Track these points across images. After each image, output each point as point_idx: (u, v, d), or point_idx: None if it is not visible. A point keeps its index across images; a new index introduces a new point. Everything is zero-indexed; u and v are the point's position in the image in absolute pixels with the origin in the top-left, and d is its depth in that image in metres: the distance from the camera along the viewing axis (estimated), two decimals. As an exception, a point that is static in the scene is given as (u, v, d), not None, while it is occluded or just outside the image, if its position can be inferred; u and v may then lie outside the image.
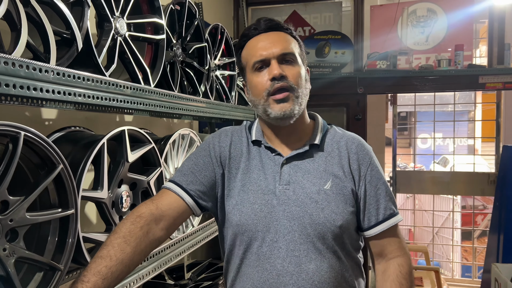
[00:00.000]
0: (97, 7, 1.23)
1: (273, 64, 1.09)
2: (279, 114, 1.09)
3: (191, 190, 1.13)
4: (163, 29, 1.53)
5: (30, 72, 0.93)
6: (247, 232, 1.11)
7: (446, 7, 3.49)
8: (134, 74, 1.38)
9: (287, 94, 1.09)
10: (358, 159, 1.15)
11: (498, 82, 3.12)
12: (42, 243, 1.02)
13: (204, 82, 1.93)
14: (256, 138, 1.19)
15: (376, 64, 3.33)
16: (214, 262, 2.44)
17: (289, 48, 1.12)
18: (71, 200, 1.04)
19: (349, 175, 1.14)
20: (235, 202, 1.13)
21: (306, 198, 1.09)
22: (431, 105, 4.63)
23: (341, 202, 1.11)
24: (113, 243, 0.94)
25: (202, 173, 1.15)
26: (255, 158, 1.17)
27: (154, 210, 1.05)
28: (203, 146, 1.22)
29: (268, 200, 1.11)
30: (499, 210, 2.57)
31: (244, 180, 1.15)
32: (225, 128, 1.27)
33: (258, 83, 1.11)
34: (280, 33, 1.14)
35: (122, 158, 1.25)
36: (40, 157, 0.99)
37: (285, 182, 1.12)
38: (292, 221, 1.08)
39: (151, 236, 1.01)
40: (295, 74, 1.11)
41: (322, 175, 1.13)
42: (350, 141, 1.18)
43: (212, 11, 3.12)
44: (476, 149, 7.22)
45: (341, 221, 1.09)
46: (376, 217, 1.14)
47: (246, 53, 1.15)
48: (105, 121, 1.77)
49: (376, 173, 1.16)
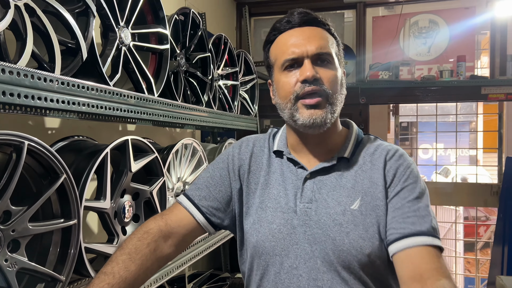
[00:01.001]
0: (102, 17, 1.24)
1: (306, 64, 0.94)
2: (308, 121, 0.94)
3: (203, 207, 1.04)
4: (167, 39, 1.53)
5: (35, 81, 0.93)
6: (264, 255, 0.98)
7: (448, 18, 3.50)
8: (138, 83, 1.38)
9: (319, 100, 0.94)
10: (395, 169, 0.97)
11: (501, 93, 3.12)
12: (43, 253, 1.01)
13: (207, 91, 1.93)
14: (278, 148, 1.06)
15: (378, 75, 3.33)
16: (216, 273, 2.42)
17: (326, 47, 0.97)
18: (73, 210, 1.04)
19: (382, 191, 0.95)
20: (252, 220, 1.02)
21: (329, 220, 0.94)
22: (433, 116, 4.63)
23: (371, 225, 0.93)
24: (118, 259, 0.90)
25: (217, 188, 1.06)
26: (276, 172, 1.04)
27: (163, 226, 0.99)
28: (222, 157, 1.12)
29: (288, 220, 0.97)
30: (503, 222, 2.54)
31: (263, 196, 1.02)
32: (248, 137, 1.15)
33: (287, 83, 0.97)
34: (316, 29, 0.98)
35: (125, 167, 1.25)
36: (43, 167, 0.99)
37: (307, 199, 0.98)
38: (313, 246, 0.94)
39: (159, 253, 0.96)
40: (330, 78, 0.96)
41: (349, 193, 0.96)
42: (387, 152, 1.00)
43: (215, 21, 3.13)
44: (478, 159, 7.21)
45: (370, 248, 0.91)
46: (400, 230, 0.90)
47: (276, 49, 1.01)
48: (108, 130, 1.76)
49: (411, 186, 0.95)
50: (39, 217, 1.01)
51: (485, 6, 3.45)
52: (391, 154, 1.00)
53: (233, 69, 2.34)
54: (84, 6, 1.12)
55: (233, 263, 2.78)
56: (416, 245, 0.87)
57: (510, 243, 2.43)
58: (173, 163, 1.61)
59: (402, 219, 0.91)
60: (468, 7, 3.45)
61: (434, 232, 0.90)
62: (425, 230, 0.89)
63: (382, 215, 0.94)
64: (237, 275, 2.58)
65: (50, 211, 1.02)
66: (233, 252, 2.77)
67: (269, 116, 3.57)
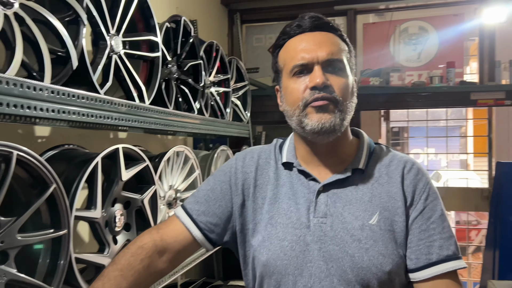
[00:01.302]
0: (92, 25, 1.23)
1: (316, 70, 0.90)
2: (316, 126, 0.90)
3: (201, 222, 0.99)
4: (158, 46, 1.53)
5: (24, 90, 0.92)
6: (275, 274, 0.92)
7: (437, 25, 3.54)
8: (129, 91, 1.38)
9: (327, 103, 0.90)
10: (414, 185, 0.94)
11: (490, 99, 3.15)
12: (33, 264, 1.00)
13: (199, 99, 1.93)
14: (288, 160, 1.01)
15: (369, 81, 3.35)
16: (208, 281, 2.41)
17: (338, 53, 0.93)
18: (63, 220, 1.02)
19: (401, 206, 0.92)
20: (261, 238, 0.95)
21: (346, 235, 0.90)
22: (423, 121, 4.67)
23: (390, 241, 0.90)
24: (110, 275, 0.87)
25: (217, 203, 1.01)
26: (284, 185, 0.99)
27: (159, 241, 0.95)
28: (224, 169, 1.06)
29: (301, 236, 0.92)
30: (494, 227, 2.57)
31: (271, 211, 0.96)
32: (252, 148, 1.10)
33: (295, 90, 0.93)
34: (328, 34, 0.95)
35: (116, 176, 1.24)
36: (33, 176, 0.98)
37: (322, 214, 0.92)
38: (329, 263, 0.89)
39: (152, 269, 0.93)
40: (341, 85, 0.92)
41: (367, 207, 0.92)
42: (404, 164, 0.97)
43: (207, 28, 3.14)
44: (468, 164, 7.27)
45: (390, 265, 0.88)
46: (428, 256, 0.89)
47: (285, 53, 0.97)
48: (99, 138, 1.75)
49: (432, 204, 0.93)
50: (29, 228, 1.00)
51: (473, 13, 3.50)
52: (408, 167, 0.96)
53: (225, 76, 2.35)
54: (74, 14, 1.11)
55: (226, 271, 2.77)
56: (443, 272, 0.88)
57: (501, 247, 2.45)
58: (165, 171, 1.60)
59: (429, 243, 0.90)
60: (457, 14, 3.50)
61: (458, 251, 0.91)
62: (451, 253, 0.90)
63: (400, 231, 0.91)
64: (230, 282, 2.57)
65: (39, 221, 1.01)
66: (226, 260, 2.76)
67: (261, 123, 3.57)
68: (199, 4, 3.02)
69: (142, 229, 1.34)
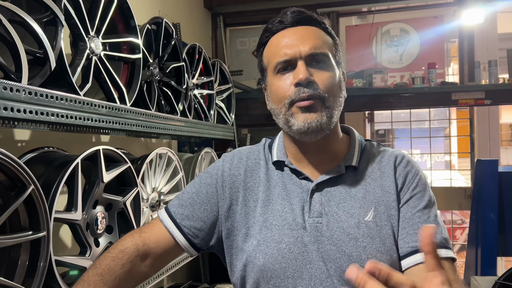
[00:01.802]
0: (71, 27, 1.23)
1: (300, 66, 0.89)
2: (302, 126, 0.88)
3: (185, 227, 0.96)
4: (139, 48, 1.52)
5: (0, 91, 0.91)
6: (273, 279, 0.89)
7: (417, 27, 3.61)
8: (109, 93, 1.37)
9: (312, 102, 0.88)
10: (404, 176, 0.94)
11: (470, 99, 3.21)
12: (11, 267, 0.98)
13: (182, 101, 1.92)
14: (278, 159, 0.98)
15: (352, 82, 3.39)
16: (195, 284, 2.39)
17: (321, 46, 0.91)
18: (42, 222, 1.01)
19: (395, 200, 0.91)
20: (256, 242, 0.92)
21: (343, 235, 0.88)
22: (407, 122, 4.73)
23: (388, 236, 0.89)
24: (90, 280, 0.85)
25: (202, 207, 0.97)
26: (277, 186, 0.96)
27: (141, 246, 0.93)
28: (210, 171, 1.02)
29: (298, 237, 0.89)
30: (476, 223, 2.61)
31: (265, 213, 0.93)
32: (240, 149, 1.06)
33: (280, 88, 0.91)
34: (311, 28, 0.93)
35: (97, 178, 1.23)
36: (10, 178, 0.96)
37: (317, 214, 0.91)
38: (328, 264, 0.87)
39: (134, 274, 0.91)
40: (325, 80, 0.90)
41: (362, 204, 0.91)
42: (395, 157, 0.97)
43: (191, 31, 3.14)
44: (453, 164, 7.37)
45: (389, 262, 0.86)
46: (410, 244, 0.87)
47: (268, 51, 0.95)
48: (80, 142, 1.74)
49: (420, 194, 0.92)
50: (6, 230, 0.98)
51: (452, 15, 3.58)
52: (399, 160, 0.96)
53: (209, 78, 2.35)
54: (52, 15, 1.10)
55: (213, 274, 2.76)
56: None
57: (483, 243, 2.49)
58: (148, 173, 1.59)
59: (413, 231, 0.88)
60: (437, 16, 3.57)
61: (446, 243, 0.87)
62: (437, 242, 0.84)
63: (396, 225, 0.90)
64: (216, 286, 2.56)
65: (18, 223, 1.00)
66: (213, 263, 2.75)
67: (246, 125, 3.58)
68: (182, 8, 3.02)
69: (124, 232, 1.33)
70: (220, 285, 2.56)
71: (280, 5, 3.53)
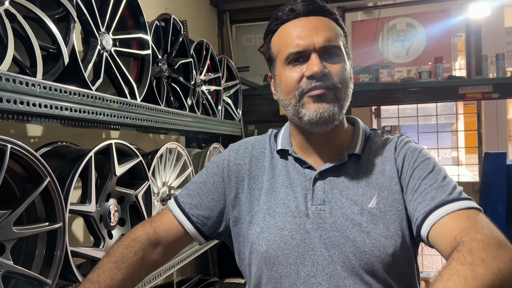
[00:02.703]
0: (83, 23, 1.25)
1: (314, 58, 0.87)
2: (314, 116, 0.88)
3: (193, 216, 0.98)
4: (148, 44, 1.55)
5: (17, 86, 0.93)
6: (276, 265, 0.90)
7: (424, 21, 3.60)
8: (120, 88, 1.39)
9: (324, 91, 0.87)
10: (404, 154, 0.93)
11: (477, 93, 3.20)
12: (29, 257, 1.01)
13: (190, 96, 1.95)
14: (283, 147, 1.00)
15: (359, 78, 3.39)
16: (204, 278, 2.42)
17: (335, 39, 0.90)
18: (58, 214, 1.04)
19: (398, 184, 0.91)
20: (259, 229, 0.93)
21: (346, 221, 0.88)
22: (414, 118, 4.72)
23: (392, 222, 0.88)
24: (104, 267, 0.88)
25: (209, 196, 1.00)
26: (281, 174, 0.97)
27: (152, 234, 0.96)
28: (217, 161, 1.05)
29: (300, 224, 0.90)
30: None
31: (269, 201, 0.95)
32: (246, 139, 1.09)
33: (291, 78, 0.90)
34: (323, 19, 0.91)
35: (109, 171, 1.25)
36: (27, 170, 0.99)
37: (319, 201, 0.91)
38: (331, 250, 0.88)
39: (146, 261, 0.94)
40: (339, 71, 0.89)
41: (365, 191, 0.91)
42: (396, 140, 0.97)
43: (197, 29, 3.16)
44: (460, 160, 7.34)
45: (393, 247, 0.86)
46: (422, 211, 0.84)
47: (278, 40, 0.93)
48: (91, 138, 1.76)
49: (422, 164, 0.90)
50: (24, 221, 1.01)
51: (459, 8, 3.56)
52: (399, 141, 0.97)
53: (216, 74, 2.37)
54: (64, 11, 1.13)
55: (222, 268, 2.78)
56: (442, 216, 0.81)
57: (491, 237, 2.49)
58: (158, 168, 1.62)
59: (421, 198, 0.86)
60: (443, 10, 3.56)
61: (459, 195, 0.84)
62: (447, 198, 0.83)
63: (401, 209, 0.89)
64: (226, 280, 2.58)
65: (34, 215, 1.02)
66: (221, 257, 2.77)
67: (253, 122, 3.60)
68: (188, 5, 3.04)
69: (136, 225, 1.35)
70: (229, 279, 2.58)
71: (286, 1, 3.53)
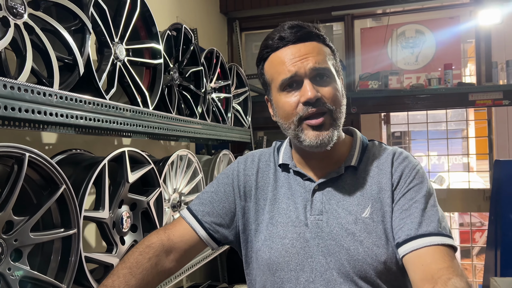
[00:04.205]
0: (97, 34, 1.28)
1: (306, 85, 0.92)
2: (314, 143, 0.93)
3: (206, 223, 1.04)
4: (160, 53, 1.58)
5: (35, 96, 0.97)
6: (278, 271, 0.96)
7: (433, 28, 3.60)
8: (133, 97, 1.42)
9: (323, 120, 0.93)
10: (401, 170, 0.97)
11: (488, 99, 3.19)
12: (44, 262, 1.04)
13: (200, 104, 1.97)
14: (284, 162, 1.05)
15: (368, 84, 3.40)
16: (214, 284, 2.43)
17: (324, 61, 0.94)
18: (73, 220, 1.06)
19: (390, 197, 0.95)
20: (263, 237, 1.00)
21: (341, 230, 0.94)
22: (424, 124, 4.71)
23: (384, 232, 0.93)
24: (119, 273, 0.91)
25: (221, 204, 1.06)
26: (283, 186, 1.03)
27: (165, 240, 1.00)
28: (227, 172, 1.11)
29: (300, 234, 0.96)
30: (495, 225, 2.59)
31: (272, 211, 1.01)
32: (253, 152, 1.15)
33: (287, 104, 0.94)
34: (311, 44, 0.95)
35: (122, 178, 1.28)
36: (44, 178, 1.02)
37: (318, 211, 0.97)
38: (328, 258, 0.93)
39: (160, 268, 0.97)
40: (332, 94, 0.93)
41: (359, 201, 0.96)
42: (393, 154, 1.01)
43: (207, 37, 3.20)
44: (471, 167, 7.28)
45: (385, 255, 0.91)
46: (407, 232, 0.89)
47: (271, 68, 0.98)
48: (103, 145, 1.80)
49: (417, 187, 0.95)
50: (40, 227, 1.04)
51: (468, 15, 3.56)
52: (397, 155, 1.00)
53: (226, 82, 2.39)
54: (80, 23, 1.16)
55: (231, 274, 2.79)
56: (425, 245, 0.86)
57: (502, 244, 2.47)
58: (169, 174, 1.64)
59: (409, 220, 0.90)
60: (453, 17, 3.55)
61: (443, 230, 0.89)
62: (433, 230, 0.88)
63: (389, 220, 0.94)
64: (235, 286, 2.59)
65: (50, 221, 1.05)
66: (230, 263, 2.78)
67: (262, 128, 3.62)
68: (198, 13, 3.08)
69: (148, 231, 1.38)
70: (238, 285, 2.59)
71: (295, 9, 3.56)
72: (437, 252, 0.86)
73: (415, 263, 0.86)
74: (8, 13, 0.93)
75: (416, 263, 0.86)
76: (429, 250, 0.86)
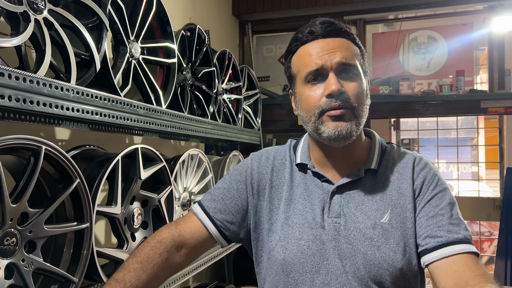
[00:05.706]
0: (114, 32, 1.30)
1: (331, 78, 0.92)
2: (333, 133, 0.92)
3: (217, 220, 1.03)
4: (174, 53, 1.59)
5: (52, 90, 0.98)
6: (292, 273, 0.96)
7: (446, 34, 3.58)
8: (147, 95, 1.44)
9: (343, 111, 0.92)
10: (423, 177, 0.97)
11: (500, 107, 3.16)
12: (57, 255, 1.05)
13: (212, 104, 1.98)
14: (302, 161, 1.04)
15: (379, 89, 3.39)
16: (220, 285, 2.43)
17: (351, 58, 0.95)
18: (86, 214, 1.07)
19: (411, 203, 0.95)
20: (278, 237, 0.99)
21: (359, 234, 0.93)
22: (434, 131, 4.68)
23: (402, 237, 0.93)
24: (130, 267, 0.91)
25: (233, 202, 1.05)
26: (299, 186, 1.02)
27: (177, 236, 0.99)
28: (240, 168, 1.10)
29: (317, 235, 0.95)
30: (506, 234, 2.56)
31: (288, 211, 1.00)
32: (268, 149, 1.13)
33: (311, 97, 0.95)
34: (340, 40, 0.96)
35: (135, 175, 1.29)
36: (58, 171, 1.03)
37: (335, 214, 0.96)
38: (344, 261, 0.93)
39: (170, 263, 0.97)
40: (356, 90, 0.94)
41: (379, 206, 0.96)
42: (413, 159, 1.00)
43: (219, 39, 3.22)
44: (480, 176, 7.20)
45: (401, 261, 0.91)
46: (437, 239, 0.90)
47: (298, 60, 0.99)
48: (115, 142, 1.81)
49: (441, 194, 0.95)
50: (53, 220, 1.05)
51: (482, 22, 3.54)
52: (417, 161, 1.00)
53: (237, 83, 2.40)
54: (98, 20, 1.18)
55: (237, 275, 2.79)
56: (456, 252, 0.87)
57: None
58: (180, 173, 1.65)
59: (437, 228, 0.91)
60: (466, 24, 3.54)
61: (470, 239, 0.91)
62: (462, 237, 0.89)
63: (410, 227, 0.93)
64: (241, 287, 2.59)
65: (64, 215, 1.06)
66: (237, 264, 2.78)
67: (271, 131, 3.62)
68: (211, 15, 3.10)
69: (158, 228, 1.38)
70: (244, 287, 2.59)
71: (307, 13, 3.57)
72: (470, 260, 0.87)
73: (447, 269, 0.87)
74: (29, 8, 0.95)
75: (449, 270, 0.86)
76: (462, 258, 0.87)
